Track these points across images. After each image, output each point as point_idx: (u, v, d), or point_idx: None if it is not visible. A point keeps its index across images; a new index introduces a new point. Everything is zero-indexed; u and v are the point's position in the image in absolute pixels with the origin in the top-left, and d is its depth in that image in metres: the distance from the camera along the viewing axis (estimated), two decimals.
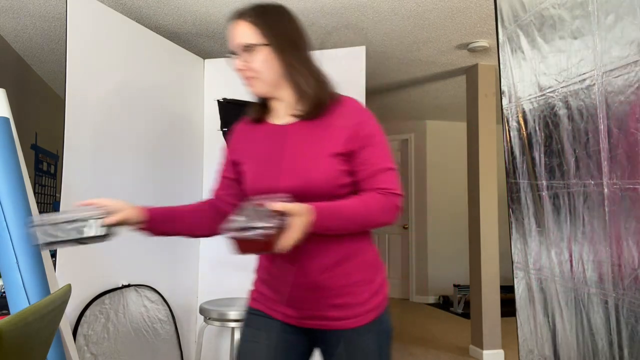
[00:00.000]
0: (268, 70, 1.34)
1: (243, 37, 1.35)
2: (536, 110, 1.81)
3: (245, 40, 1.35)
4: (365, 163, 1.32)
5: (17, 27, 3.36)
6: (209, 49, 3.75)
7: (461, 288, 5.89)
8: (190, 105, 3.16)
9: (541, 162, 1.79)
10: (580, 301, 1.59)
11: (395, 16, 3.16)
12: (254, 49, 1.34)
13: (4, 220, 1.53)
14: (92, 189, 2.40)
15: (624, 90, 1.35)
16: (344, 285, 1.33)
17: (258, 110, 1.45)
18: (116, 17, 2.59)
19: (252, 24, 1.35)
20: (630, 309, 1.36)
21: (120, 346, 2.43)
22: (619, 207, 1.39)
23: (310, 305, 1.34)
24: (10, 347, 0.80)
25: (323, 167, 1.30)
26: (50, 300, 1.01)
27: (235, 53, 1.38)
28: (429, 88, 4.90)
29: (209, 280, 3.16)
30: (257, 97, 1.42)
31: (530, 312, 1.92)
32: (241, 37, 1.35)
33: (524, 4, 1.84)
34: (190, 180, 3.13)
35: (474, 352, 4.16)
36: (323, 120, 1.34)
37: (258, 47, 1.34)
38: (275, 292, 1.39)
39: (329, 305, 1.32)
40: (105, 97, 2.50)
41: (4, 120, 1.63)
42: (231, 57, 1.40)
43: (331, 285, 1.32)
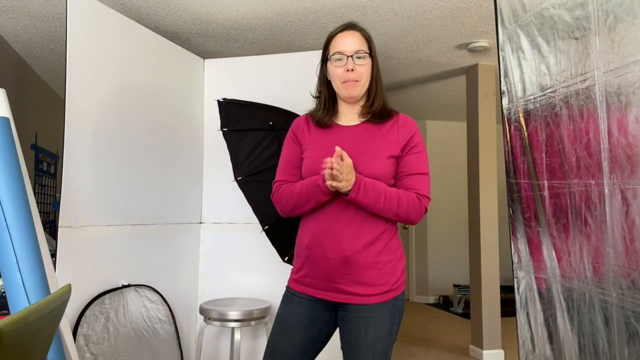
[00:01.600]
0: (367, 77, 1.62)
1: (359, 45, 1.61)
2: (537, 110, 1.81)
3: (360, 48, 1.61)
4: (407, 166, 1.59)
5: (17, 27, 3.36)
6: (209, 49, 3.75)
7: (461, 288, 5.89)
8: (190, 105, 3.16)
9: (542, 161, 1.79)
10: (581, 301, 1.59)
11: (395, 16, 3.16)
12: (364, 57, 1.60)
13: (4, 220, 1.52)
14: (92, 189, 2.40)
15: (624, 90, 1.36)
16: (371, 264, 1.55)
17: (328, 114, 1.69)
18: (116, 17, 2.59)
19: (364, 37, 1.64)
20: (631, 309, 1.36)
21: (120, 346, 2.43)
22: (620, 207, 1.39)
23: (340, 279, 1.56)
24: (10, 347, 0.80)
25: (379, 165, 1.57)
26: (50, 300, 1.01)
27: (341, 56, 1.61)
28: (429, 88, 4.91)
29: (209, 280, 3.16)
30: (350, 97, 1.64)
31: (530, 312, 1.92)
32: (358, 45, 1.61)
33: (524, 4, 1.84)
34: (190, 180, 3.13)
35: (474, 352, 4.16)
36: (383, 127, 1.63)
37: (367, 56, 1.61)
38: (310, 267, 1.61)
39: (356, 281, 1.55)
40: (105, 97, 2.50)
41: (4, 120, 1.63)
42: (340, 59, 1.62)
43: (360, 263, 1.54)
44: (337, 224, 1.57)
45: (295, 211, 1.66)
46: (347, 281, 1.56)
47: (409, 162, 1.60)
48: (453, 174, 6.63)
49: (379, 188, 1.54)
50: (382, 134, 1.62)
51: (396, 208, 1.55)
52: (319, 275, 1.60)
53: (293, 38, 3.55)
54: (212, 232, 3.18)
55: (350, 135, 1.63)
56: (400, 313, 1.62)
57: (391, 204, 1.54)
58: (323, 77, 1.71)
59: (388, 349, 1.58)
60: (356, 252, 1.55)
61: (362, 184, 1.51)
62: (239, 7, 3.04)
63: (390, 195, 1.54)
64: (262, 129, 2.79)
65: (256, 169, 2.79)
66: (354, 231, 1.56)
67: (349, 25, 1.65)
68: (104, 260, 2.46)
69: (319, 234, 1.59)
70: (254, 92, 3.15)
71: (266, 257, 3.07)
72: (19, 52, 3.87)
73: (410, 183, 1.59)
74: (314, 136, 1.69)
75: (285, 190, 1.67)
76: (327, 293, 1.60)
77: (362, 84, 1.62)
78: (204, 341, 3.12)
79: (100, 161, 2.45)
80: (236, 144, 2.82)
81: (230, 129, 2.81)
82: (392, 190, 1.56)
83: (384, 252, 1.59)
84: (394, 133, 1.62)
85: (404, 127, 1.63)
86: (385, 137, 1.62)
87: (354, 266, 1.55)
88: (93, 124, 2.42)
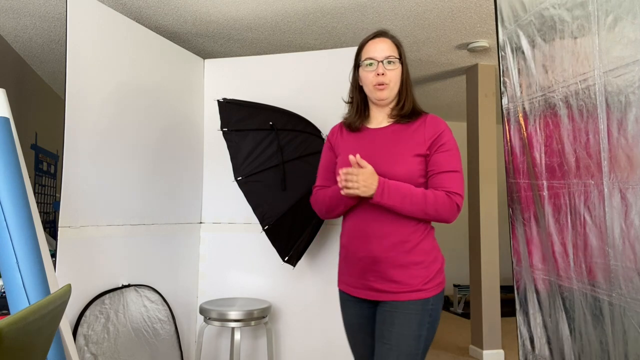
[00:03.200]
0: (397, 81, 1.70)
1: (389, 51, 1.69)
2: (536, 110, 1.81)
3: (391, 53, 1.68)
4: (436, 164, 1.63)
5: (17, 27, 3.36)
6: (209, 49, 3.75)
7: (461, 288, 5.89)
8: (190, 105, 3.16)
9: (541, 162, 1.79)
10: (580, 301, 1.59)
11: (395, 16, 3.16)
12: (394, 62, 1.69)
13: (4, 220, 1.53)
14: (92, 189, 2.40)
15: (624, 90, 1.35)
16: (400, 264, 1.59)
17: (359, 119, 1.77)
18: (116, 17, 2.59)
19: (395, 44, 1.71)
20: (629, 308, 1.36)
21: (120, 346, 2.43)
22: (619, 207, 1.39)
23: (372, 277, 1.63)
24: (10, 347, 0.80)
25: (407, 164, 1.62)
26: (50, 300, 1.01)
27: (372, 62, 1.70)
28: (429, 88, 4.90)
29: (209, 280, 3.16)
30: (381, 100, 1.72)
31: (530, 312, 1.92)
32: (388, 51, 1.69)
33: (524, 4, 1.84)
34: (190, 180, 3.13)
35: (474, 352, 4.16)
36: (411, 126, 1.69)
37: (397, 61, 1.69)
38: (349, 265, 1.71)
39: (387, 279, 1.60)
40: (105, 97, 2.50)
41: (4, 120, 1.63)
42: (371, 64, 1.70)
43: (389, 263, 1.60)
44: (368, 224, 1.64)
45: (329, 214, 1.78)
46: (378, 279, 1.62)
47: (438, 161, 1.63)
48: None
49: (404, 189, 1.57)
50: (410, 134, 1.67)
51: (424, 207, 1.57)
52: (354, 273, 1.69)
53: (293, 38, 3.55)
54: (212, 232, 3.18)
55: (378, 137, 1.70)
56: (431, 318, 1.60)
57: (418, 203, 1.57)
58: (355, 83, 1.80)
59: (416, 352, 1.57)
60: (384, 252, 1.60)
61: (385, 187, 1.56)
62: (239, 7, 3.04)
63: (417, 195, 1.57)
64: (262, 129, 2.80)
65: (256, 169, 2.79)
66: (383, 231, 1.61)
67: (380, 33, 1.74)
68: (104, 260, 2.46)
69: (352, 234, 1.68)
70: (254, 92, 3.15)
71: (266, 257, 3.07)
72: (19, 52, 3.87)
73: (440, 181, 1.62)
74: (346, 141, 1.78)
75: (320, 195, 1.80)
76: (360, 291, 1.68)
77: (391, 87, 1.69)
78: (204, 341, 3.12)
79: (100, 161, 2.45)
80: (236, 144, 2.82)
81: (230, 129, 2.81)
82: (418, 190, 1.59)
83: (414, 253, 1.61)
84: (420, 132, 1.67)
85: (431, 125, 1.68)
86: (412, 136, 1.66)
87: (383, 265, 1.61)
88: (93, 124, 2.42)
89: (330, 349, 2.95)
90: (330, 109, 3.08)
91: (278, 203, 2.72)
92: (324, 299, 2.97)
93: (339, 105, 3.09)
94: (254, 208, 2.83)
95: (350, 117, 1.79)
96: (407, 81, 1.73)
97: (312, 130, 2.81)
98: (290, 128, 2.78)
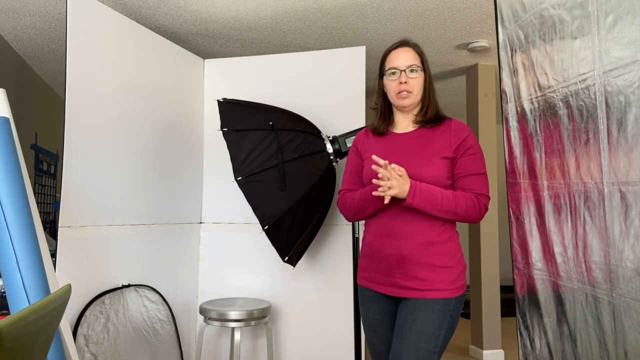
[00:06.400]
0: (419, 88, 1.76)
1: (412, 60, 1.75)
2: (536, 110, 1.81)
3: (413, 62, 1.75)
4: (462, 168, 1.69)
5: (17, 27, 3.36)
6: (209, 49, 3.75)
7: None
8: (190, 105, 3.16)
9: (541, 162, 1.79)
10: (580, 301, 1.59)
11: (395, 16, 3.16)
12: (416, 71, 1.75)
13: (4, 220, 1.53)
14: (92, 189, 2.40)
15: (624, 90, 1.36)
16: (426, 264, 1.65)
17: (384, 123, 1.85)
18: (116, 17, 2.59)
19: (417, 53, 1.78)
20: (630, 308, 1.36)
21: (120, 346, 2.43)
22: (619, 207, 1.39)
23: (398, 274, 1.68)
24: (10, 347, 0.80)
25: (434, 166, 1.68)
26: (50, 300, 1.01)
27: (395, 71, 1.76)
28: None
29: (209, 280, 3.16)
30: (404, 107, 1.79)
31: (530, 312, 1.92)
32: (411, 60, 1.75)
33: (524, 4, 1.84)
34: (190, 180, 3.13)
35: (474, 352, 4.16)
36: (436, 131, 1.75)
37: (419, 70, 1.76)
38: (373, 262, 1.76)
39: (413, 277, 1.65)
40: (105, 97, 2.50)
41: (4, 120, 1.63)
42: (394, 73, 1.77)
43: (416, 262, 1.65)
44: (395, 224, 1.70)
45: (357, 216, 1.84)
46: (404, 276, 1.67)
47: (464, 164, 1.70)
48: None
49: (435, 191, 1.64)
50: (435, 137, 1.74)
51: (454, 208, 1.64)
52: (380, 270, 1.74)
53: (293, 38, 3.55)
54: (212, 232, 3.18)
55: (404, 141, 1.77)
56: (452, 318, 1.65)
57: (449, 205, 1.63)
58: (380, 90, 1.87)
59: (433, 350, 1.61)
60: (411, 250, 1.66)
61: (417, 190, 1.62)
62: (239, 7, 3.04)
63: (447, 197, 1.64)
64: (262, 129, 2.79)
65: (256, 169, 2.79)
66: (410, 231, 1.67)
67: (402, 42, 1.80)
68: (104, 260, 2.46)
69: (379, 233, 1.74)
70: (253, 92, 3.15)
71: (266, 257, 3.07)
72: (19, 52, 3.87)
73: (467, 184, 1.69)
74: (372, 145, 1.85)
75: (348, 198, 1.87)
76: (385, 287, 1.72)
77: (414, 95, 1.75)
78: (204, 341, 3.12)
79: (100, 161, 2.45)
80: (236, 144, 2.82)
81: (230, 129, 2.81)
82: (448, 192, 1.65)
83: (440, 253, 1.67)
84: (446, 136, 1.73)
85: (457, 130, 1.74)
86: (437, 140, 1.73)
87: (409, 263, 1.66)
88: (93, 124, 2.42)
89: (330, 349, 2.95)
90: (330, 109, 3.08)
91: (278, 203, 2.72)
92: (324, 299, 2.97)
93: (339, 105, 3.09)
94: (254, 208, 2.83)
95: (376, 122, 1.87)
96: (430, 87, 1.79)
97: (312, 130, 2.81)
98: (290, 128, 2.78)
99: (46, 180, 4.70)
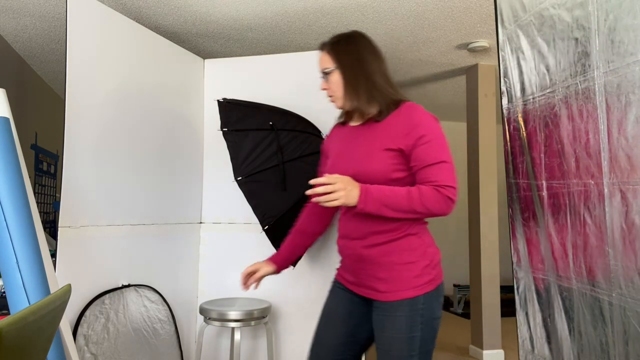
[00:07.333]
0: (339, 89, 1.67)
1: (321, 64, 1.70)
2: (536, 110, 1.81)
3: (325, 66, 1.69)
4: (418, 159, 1.55)
5: (17, 27, 3.36)
6: (209, 49, 3.75)
7: (461, 288, 5.89)
8: (190, 105, 3.16)
9: (541, 162, 1.79)
10: (579, 301, 1.59)
11: (395, 16, 3.16)
12: (330, 74, 1.68)
13: (4, 220, 1.53)
14: (92, 189, 2.40)
15: (624, 90, 1.36)
16: (387, 262, 1.58)
17: (343, 116, 1.78)
18: (116, 17, 2.59)
19: (327, 52, 1.69)
20: (630, 309, 1.36)
21: (120, 346, 2.43)
22: (619, 207, 1.39)
23: (361, 274, 1.64)
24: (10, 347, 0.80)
25: (375, 160, 1.57)
26: (50, 300, 1.01)
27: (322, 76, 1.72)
28: (429, 88, 4.91)
29: (209, 280, 3.16)
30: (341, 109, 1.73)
31: (529, 312, 1.92)
32: (320, 65, 1.70)
33: (524, 4, 1.84)
34: (191, 180, 3.13)
35: (474, 352, 4.16)
36: (385, 122, 1.62)
37: (332, 71, 1.67)
38: (343, 262, 1.75)
39: (374, 277, 1.60)
40: (105, 97, 2.50)
41: (4, 120, 1.63)
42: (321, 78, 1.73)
43: (374, 260, 1.60)
44: (350, 226, 1.66)
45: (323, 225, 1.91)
46: (367, 276, 1.63)
47: (418, 155, 1.55)
48: None
49: (387, 192, 1.52)
50: (383, 128, 1.61)
51: (411, 206, 1.51)
52: (348, 269, 1.71)
53: (293, 38, 3.55)
54: (212, 232, 3.18)
55: (354, 135, 1.69)
56: (422, 317, 1.56)
57: (402, 204, 1.51)
58: None
59: (408, 354, 1.53)
60: (368, 250, 1.61)
61: (367, 194, 1.51)
62: (239, 7, 3.04)
63: (401, 196, 1.51)
64: (262, 129, 2.80)
65: (256, 169, 2.80)
66: (364, 231, 1.62)
67: (319, 46, 1.74)
68: (104, 260, 2.46)
69: (340, 235, 1.72)
70: (253, 92, 3.15)
71: (266, 257, 3.07)
72: (19, 52, 3.87)
73: (425, 176, 1.54)
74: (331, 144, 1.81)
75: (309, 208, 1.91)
76: (355, 287, 1.69)
77: (337, 97, 1.69)
78: (204, 341, 3.12)
79: (100, 161, 2.45)
80: (236, 144, 2.82)
81: (230, 129, 2.81)
82: (402, 191, 1.52)
83: (398, 252, 1.58)
84: (393, 125, 1.59)
85: (404, 118, 1.59)
86: (384, 131, 1.60)
87: (368, 263, 1.61)
88: (93, 124, 2.42)
89: None
90: (330, 109, 3.08)
91: (278, 203, 2.72)
92: (324, 299, 2.97)
93: None
94: (254, 208, 2.83)
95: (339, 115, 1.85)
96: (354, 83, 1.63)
97: (312, 130, 2.81)
98: (290, 128, 2.78)
99: (46, 180, 4.70)
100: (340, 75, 1.65)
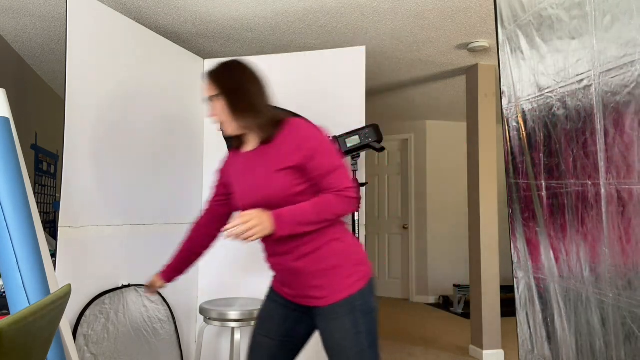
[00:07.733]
0: (224, 115, 1.69)
1: (208, 91, 1.72)
2: (535, 111, 1.82)
3: (208, 94, 1.71)
4: (315, 170, 1.63)
5: (17, 27, 3.36)
6: (209, 49, 3.76)
7: (461, 288, 5.89)
8: (190, 105, 3.16)
9: (540, 162, 1.79)
10: (578, 301, 1.60)
11: (395, 16, 3.16)
12: (213, 100, 1.70)
13: (4, 220, 1.53)
14: (92, 189, 2.40)
15: (621, 90, 1.36)
16: (318, 269, 1.65)
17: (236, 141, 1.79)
18: (116, 17, 2.60)
19: (210, 80, 1.72)
20: (627, 309, 1.36)
21: (120, 346, 2.44)
22: (616, 207, 1.39)
23: (297, 285, 1.69)
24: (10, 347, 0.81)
25: (274, 182, 1.63)
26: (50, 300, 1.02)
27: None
28: (429, 88, 4.91)
29: (209, 280, 3.16)
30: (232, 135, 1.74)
31: (530, 312, 1.92)
32: (207, 92, 1.72)
33: (523, 4, 1.85)
34: (190, 180, 3.14)
35: (474, 352, 4.16)
36: (274, 143, 1.66)
37: (215, 98, 1.69)
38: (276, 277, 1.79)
39: (309, 286, 1.66)
40: (105, 97, 2.50)
41: (4, 120, 1.63)
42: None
43: (306, 270, 1.66)
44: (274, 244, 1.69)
45: None
46: (303, 286, 1.68)
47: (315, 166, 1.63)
48: (453, 174, 6.64)
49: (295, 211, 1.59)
50: (273, 150, 1.66)
51: (321, 217, 1.60)
52: (285, 282, 1.75)
53: (293, 38, 3.55)
54: None
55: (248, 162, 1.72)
56: (362, 313, 1.63)
57: (313, 218, 1.59)
58: None
59: (361, 349, 1.61)
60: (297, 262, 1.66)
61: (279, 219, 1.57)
62: (239, 7, 3.04)
63: (308, 212, 1.59)
64: None
65: None
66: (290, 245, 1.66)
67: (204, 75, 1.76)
68: (104, 260, 2.46)
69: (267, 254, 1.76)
70: None
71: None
72: (19, 52, 3.88)
73: (326, 184, 1.64)
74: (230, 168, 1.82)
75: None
76: (293, 298, 1.74)
77: (224, 122, 1.70)
78: (204, 341, 3.12)
79: (100, 161, 2.46)
80: None
81: None
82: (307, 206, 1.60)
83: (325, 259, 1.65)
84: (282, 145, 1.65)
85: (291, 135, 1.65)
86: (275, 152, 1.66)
87: (301, 274, 1.67)
88: (93, 124, 2.42)
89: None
90: (330, 109, 3.08)
91: None
92: None
93: (339, 105, 3.09)
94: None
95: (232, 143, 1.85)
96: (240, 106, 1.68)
97: None
98: None
99: (46, 180, 4.71)
100: (224, 101, 1.68)
